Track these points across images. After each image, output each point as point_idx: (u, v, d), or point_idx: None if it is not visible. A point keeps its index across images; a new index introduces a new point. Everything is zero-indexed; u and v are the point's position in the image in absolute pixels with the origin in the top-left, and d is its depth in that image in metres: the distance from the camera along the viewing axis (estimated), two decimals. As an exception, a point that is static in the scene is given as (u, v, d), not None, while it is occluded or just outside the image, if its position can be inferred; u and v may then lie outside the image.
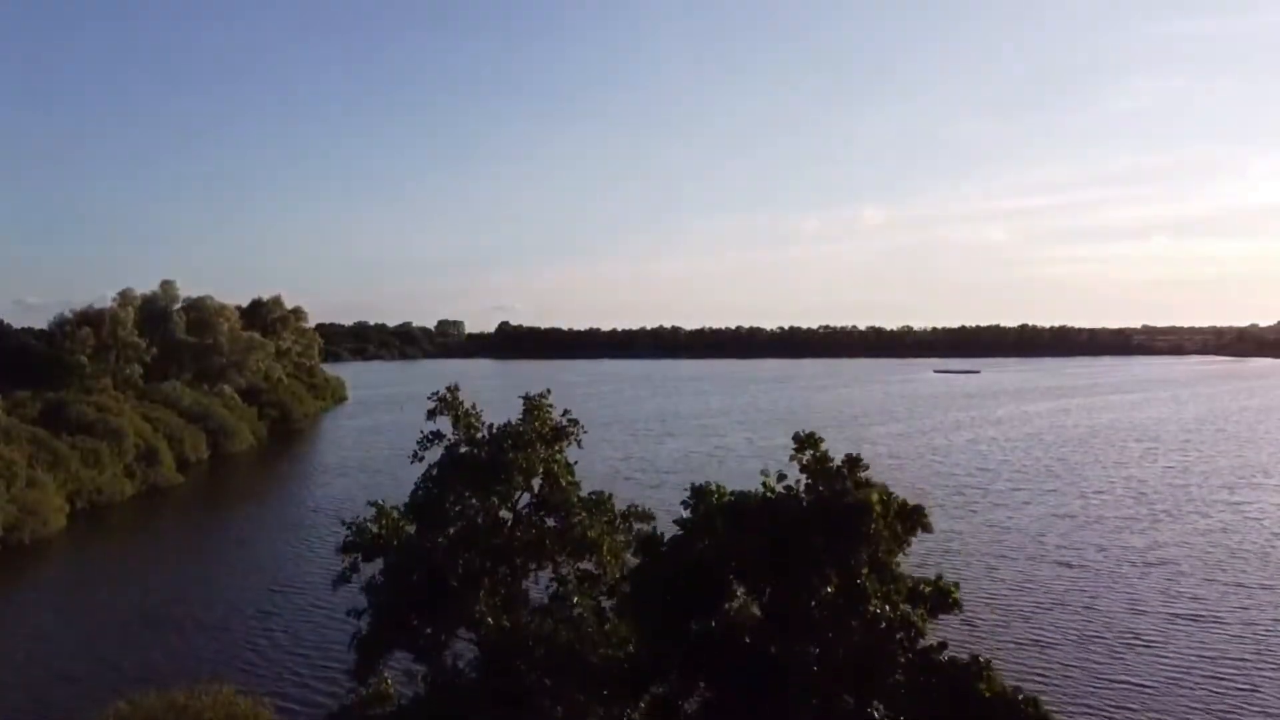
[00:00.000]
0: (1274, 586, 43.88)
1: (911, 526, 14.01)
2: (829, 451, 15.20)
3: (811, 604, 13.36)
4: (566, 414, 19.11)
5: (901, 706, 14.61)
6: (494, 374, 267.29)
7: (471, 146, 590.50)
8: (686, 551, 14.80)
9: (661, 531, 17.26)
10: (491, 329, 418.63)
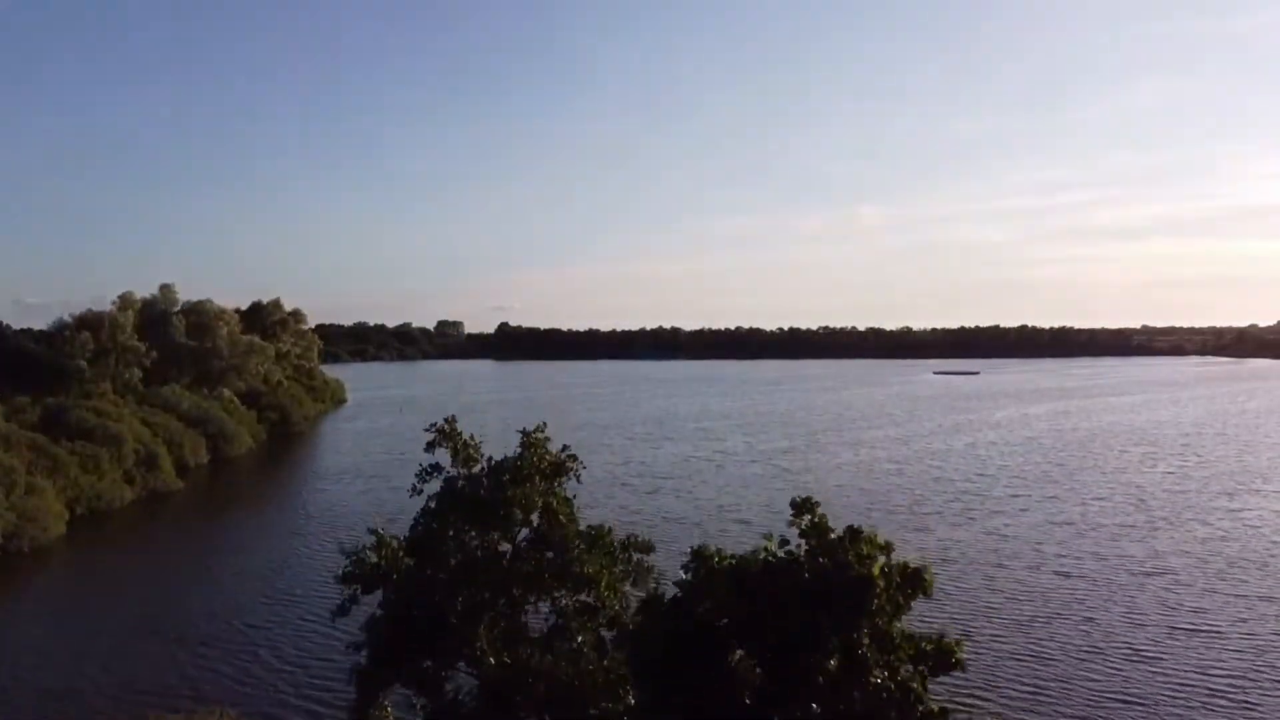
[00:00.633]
0: (1275, 598, 43.83)
1: (913, 592, 14.06)
2: (828, 519, 15.35)
3: (815, 674, 13.37)
4: (565, 449, 19.14)
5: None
6: (494, 375, 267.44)
7: (471, 146, 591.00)
8: (687, 612, 14.84)
9: (661, 590, 17.45)
10: (491, 329, 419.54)
